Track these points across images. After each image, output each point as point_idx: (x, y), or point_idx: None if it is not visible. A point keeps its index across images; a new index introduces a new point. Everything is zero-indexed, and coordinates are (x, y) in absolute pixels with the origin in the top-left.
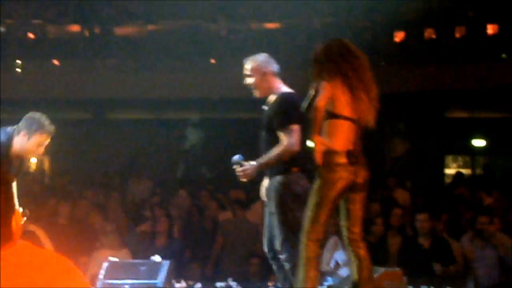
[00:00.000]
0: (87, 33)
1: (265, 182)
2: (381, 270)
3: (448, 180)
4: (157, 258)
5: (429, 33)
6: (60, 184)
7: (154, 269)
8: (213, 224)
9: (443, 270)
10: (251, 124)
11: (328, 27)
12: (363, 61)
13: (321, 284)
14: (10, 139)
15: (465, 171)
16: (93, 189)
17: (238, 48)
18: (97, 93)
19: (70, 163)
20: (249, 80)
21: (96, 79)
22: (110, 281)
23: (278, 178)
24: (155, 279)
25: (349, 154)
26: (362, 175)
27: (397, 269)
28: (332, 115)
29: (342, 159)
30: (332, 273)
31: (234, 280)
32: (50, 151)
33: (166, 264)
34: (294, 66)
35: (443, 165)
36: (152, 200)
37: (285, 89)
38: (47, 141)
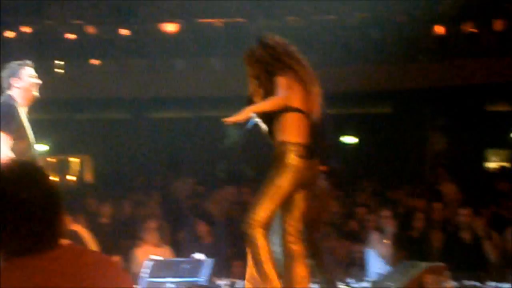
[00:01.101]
0: (125, 33)
1: None
2: (423, 265)
3: (489, 174)
4: (199, 256)
5: (468, 27)
6: (101, 183)
7: (197, 267)
8: None
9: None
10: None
11: (366, 23)
12: (304, 58)
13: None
14: (9, 95)
15: (506, 165)
16: (134, 187)
17: None
18: (137, 93)
19: (110, 162)
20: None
21: (135, 78)
22: (153, 279)
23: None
24: (198, 277)
25: (305, 148)
26: (314, 171)
27: (440, 264)
28: (288, 108)
29: (300, 152)
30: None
31: None
32: (91, 150)
33: (209, 262)
34: (333, 62)
35: (484, 159)
36: (194, 199)
37: None
38: (33, 69)
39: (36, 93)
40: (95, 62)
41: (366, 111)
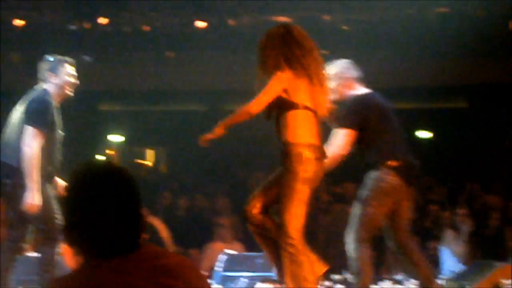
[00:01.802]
0: (202, 25)
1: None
2: (497, 264)
3: None
4: None
5: None
6: (176, 176)
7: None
8: (326, 217)
9: None
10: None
11: (443, 18)
12: (315, 49)
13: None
14: (45, 90)
15: None
16: (209, 181)
17: (354, 39)
18: (213, 85)
19: (186, 155)
20: (331, 84)
21: (211, 71)
22: (227, 273)
23: (371, 173)
24: (272, 272)
25: (316, 148)
26: (323, 172)
27: None
28: (294, 105)
29: (314, 153)
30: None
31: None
32: (167, 142)
33: None
34: (410, 57)
35: None
36: None
37: (362, 91)
38: (73, 68)
39: (70, 92)
40: (170, 54)
41: (442, 106)
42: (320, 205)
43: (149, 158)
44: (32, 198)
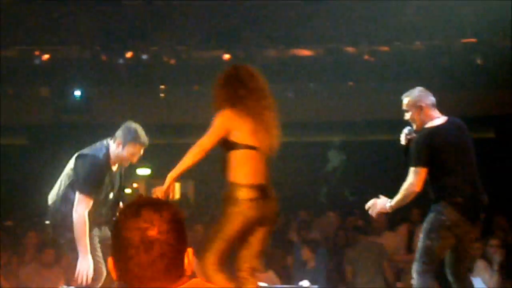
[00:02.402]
0: (229, 58)
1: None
2: None
3: None
4: (305, 283)
5: None
6: (204, 207)
7: None
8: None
9: None
10: (392, 146)
11: (470, 48)
12: (261, 89)
13: None
14: (107, 149)
15: None
16: None
17: (379, 70)
18: None
19: (215, 187)
20: (407, 115)
21: None
22: None
23: (432, 206)
24: None
25: (258, 188)
26: (272, 209)
27: None
28: (233, 145)
29: (250, 194)
30: None
31: None
32: (194, 175)
33: None
34: (435, 88)
35: None
36: (297, 224)
37: (435, 122)
38: (141, 151)
39: (125, 165)
40: (197, 87)
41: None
42: (340, 241)
43: (176, 190)
44: (84, 264)
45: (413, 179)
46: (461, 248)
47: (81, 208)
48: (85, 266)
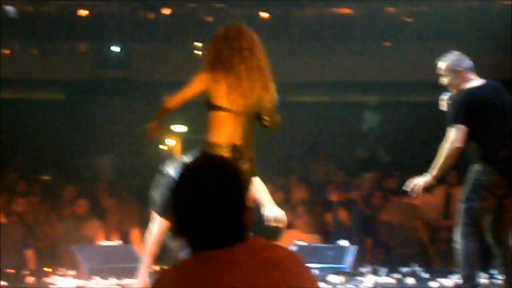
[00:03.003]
0: (265, 16)
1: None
2: None
3: None
4: (344, 242)
5: None
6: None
7: (341, 254)
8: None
9: None
10: (428, 108)
11: (509, 9)
12: (251, 46)
13: None
14: None
15: None
16: (274, 171)
17: (417, 31)
18: (276, 77)
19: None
20: (444, 80)
21: (275, 63)
22: None
23: (472, 167)
24: (342, 263)
25: (232, 149)
26: (246, 170)
27: None
28: (212, 107)
29: (225, 154)
30: None
31: (418, 265)
32: None
33: (352, 248)
34: (476, 50)
35: None
36: (334, 185)
37: (473, 84)
38: None
39: None
40: None
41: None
42: (374, 202)
43: None
44: None
45: (454, 136)
46: (501, 209)
47: None
48: None
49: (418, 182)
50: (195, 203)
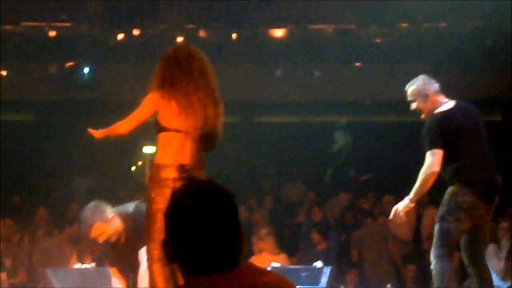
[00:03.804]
0: (236, 36)
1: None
2: None
3: None
4: (318, 264)
5: None
6: None
7: (316, 275)
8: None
9: None
10: (398, 127)
11: (478, 30)
12: (200, 67)
13: None
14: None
15: None
16: (243, 192)
17: (387, 51)
18: (245, 96)
19: (219, 166)
20: (413, 105)
21: (244, 83)
22: None
23: (448, 189)
24: (318, 284)
25: (179, 168)
26: None
27: None
28: (161, 128)
29: (171, 174)
30: None
31: (392, 286)
32: None
33: (328, 269)
34: (442, 70)
35: None
36: (307, 206)
37: (444, 107)
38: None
39: None
40: None
41: None
42: (347, 222)
43: None
44: None
45: (431, 160)
46: (477, 230)
47: None
48: None
49: (399, 207)
50: (189, 229)
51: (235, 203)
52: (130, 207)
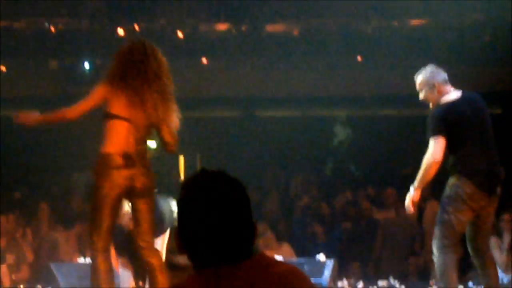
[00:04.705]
0: (236, 31)
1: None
2: None
3: None
4: (321, 257)
5: None
6: None
7: (318, 268)
8: (369, 223)
9: None
10: (398, 121)
11: (478, 24)
12: (151, 61)
13: None
14: None
15: None
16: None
17: (386, 45)
18: (246, 91)
19: (219, 160)
20: (421, 95)
21: (245, 77)
22: None
23: (448, 180)
24: (320, 277)
25: (125, 156)
26: (141, 180)
27: None
28: (107, 115)
29: (116, 162)
30: None
31: (395, 278)
32: (200, 148)
33: (330, 263)
34: (444, 63)
35: None
36: (306, 200)
37: (450, 97)
38: None
39: None
40: (205, 60)
41: None
42: (362, 213)
43: (181, 164)
44: None
45: (433, 149)
46: (479, 222)
47: None
48: None
49: (407, 199)
50: (201, 219)
51: (246, 193)
52: None
